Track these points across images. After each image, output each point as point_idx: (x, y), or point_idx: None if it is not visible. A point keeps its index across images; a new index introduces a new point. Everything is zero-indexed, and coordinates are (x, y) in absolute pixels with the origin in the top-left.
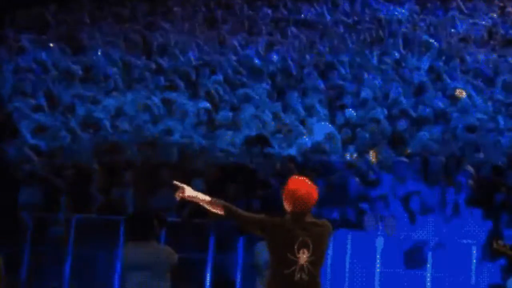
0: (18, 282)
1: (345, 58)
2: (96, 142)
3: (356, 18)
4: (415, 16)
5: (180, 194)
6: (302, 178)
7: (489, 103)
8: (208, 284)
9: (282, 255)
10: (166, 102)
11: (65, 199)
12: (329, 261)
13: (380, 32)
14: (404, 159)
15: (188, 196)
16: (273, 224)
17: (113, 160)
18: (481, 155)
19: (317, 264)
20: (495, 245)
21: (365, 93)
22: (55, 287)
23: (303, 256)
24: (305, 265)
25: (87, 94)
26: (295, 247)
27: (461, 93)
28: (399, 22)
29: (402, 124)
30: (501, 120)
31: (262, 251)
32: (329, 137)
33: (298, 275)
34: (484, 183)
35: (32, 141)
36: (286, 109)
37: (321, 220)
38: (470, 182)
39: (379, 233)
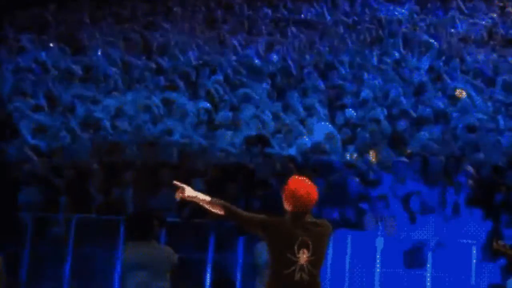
0: (18, 282)
1: (345, 58)
2: (96, 142)
3: (356, 18)
4: (415, 16)
5: (180, 194)
6: (303, 178)
7: (489, 103)
8: (208, 284)
9: (282, 255)
10: (166, 102)
11: (65, 199)
12: (329, 261)
13: (380, 32)
14: (404, 159)
15: (188, 196)
16: (273, 224)
17: (113, 160)
18: (481, 155)
19: (317, 264)
20: (495, 245)
21: (365, 93)
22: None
23: (303, 256)
24: (305, 265)
25: (87, 94)
26: (295, 247)
27: (461, 93)
28: (399, 22)
29: (402, 124)
30: (501, 120)
31: (262, 251)
32: (329, 137)
33: (298, 275)
34: (484, 183)
35: (32, 142)
36: (286, 109)
37: (321, 220)
38: (470, 182)
39: (379, 233)
